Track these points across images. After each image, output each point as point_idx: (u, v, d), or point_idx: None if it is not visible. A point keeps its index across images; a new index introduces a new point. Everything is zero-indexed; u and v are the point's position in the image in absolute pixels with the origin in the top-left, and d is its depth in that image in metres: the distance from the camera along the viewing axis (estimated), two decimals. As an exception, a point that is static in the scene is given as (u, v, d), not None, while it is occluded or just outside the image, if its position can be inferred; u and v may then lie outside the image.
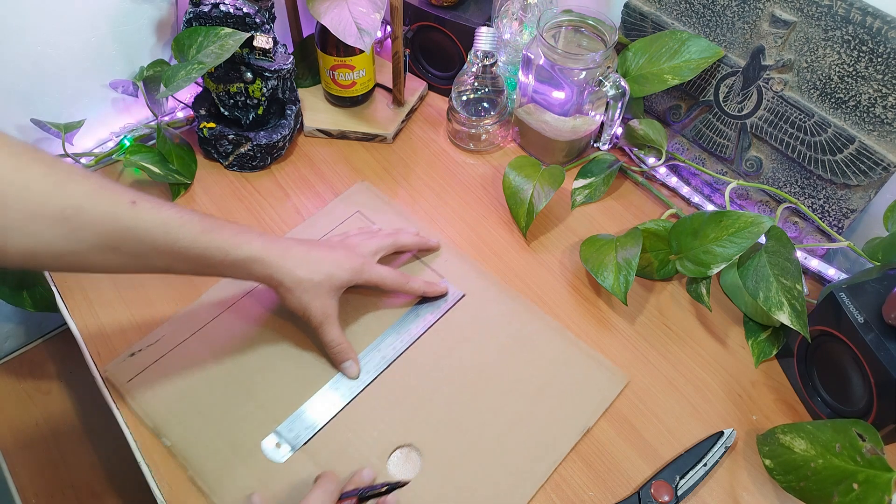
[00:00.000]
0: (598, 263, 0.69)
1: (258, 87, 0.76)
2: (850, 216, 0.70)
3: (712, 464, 0.59)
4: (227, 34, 0.69)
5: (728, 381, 0.66)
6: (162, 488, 0.57)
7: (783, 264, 0.62)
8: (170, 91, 0.68)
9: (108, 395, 0.62)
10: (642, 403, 0.64)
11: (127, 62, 0.79)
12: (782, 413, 0.64)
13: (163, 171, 0.76)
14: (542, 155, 0.84)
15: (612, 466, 0.60)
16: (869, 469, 0.50)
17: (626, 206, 0.81)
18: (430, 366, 0.65)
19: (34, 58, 0.71)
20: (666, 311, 0.71)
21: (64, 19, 0.71)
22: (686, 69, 0.74)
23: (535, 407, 0.62)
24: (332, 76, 0.83)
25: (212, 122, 0.80)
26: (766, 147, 0.74)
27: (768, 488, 0.59)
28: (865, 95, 0.64)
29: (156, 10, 0.78)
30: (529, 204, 0.75)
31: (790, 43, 0.67)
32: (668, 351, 0.68)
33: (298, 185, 0.81)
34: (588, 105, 0.78)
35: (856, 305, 0.57)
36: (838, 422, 0.54)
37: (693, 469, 0.59)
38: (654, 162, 0.82)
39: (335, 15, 0.71)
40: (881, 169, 0.65)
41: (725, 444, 0.60)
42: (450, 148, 0.86)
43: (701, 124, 0.79)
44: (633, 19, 0.79)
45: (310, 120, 0.86)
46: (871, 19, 0.61)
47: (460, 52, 0.85)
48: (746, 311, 0.70)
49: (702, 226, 0.66)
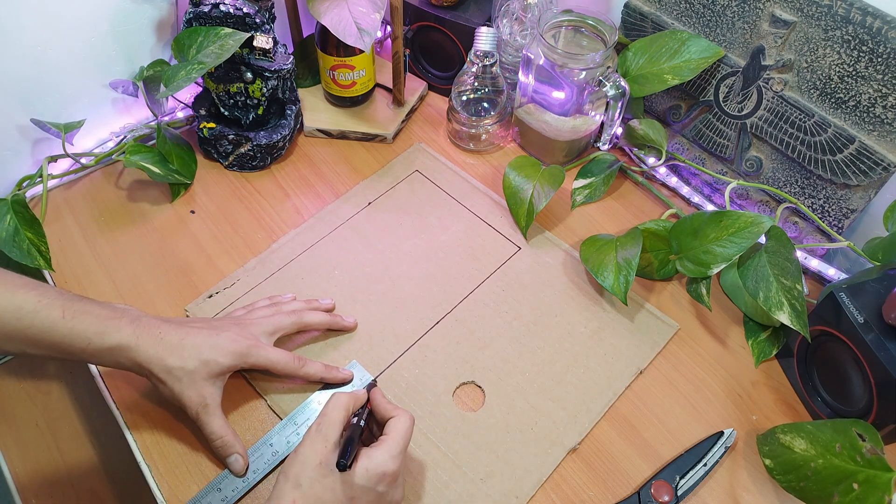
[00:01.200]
0: (598, 263, 0.69)
1: (258, 87, 0.76)
2: (850, 216, 0.70)
3: (712, 464, 0.59)
4: (227, 34, 0.70)
5: (728, 381, 0.66)
6: (162, 488, 0.57)
7: (783, 264, 0.62)
8: (170, 91, 0.68)
9: (108, 395, 0.62)
10: (642, 403, 0.64)
11: (127, 62, 0.79)
12: (782, 413, 0.64)
13: (163, 171, 0.76)
14: (542, 155, 0.84)
15: (611, 466, 0.60)
16: (869, 469, 0.50)
17: (626, 206, 0.81)
18: (490, 311, 0.69)
19: (34, 58, 0.71)
20: (666, 311, 0.71)
21: (64, 19, 0.71)
22: (686, 69, 0.74)
23: (591, 349, 0.67)
24: (332, 76, 0.83)
25: (212, 122, 0.80)
26: (766, 147, 0.74)
27: (768, 488, 0.59)
28: (865, 95, 0.64)
29: (156, 10, 0.78)
30: (529, 204, 0.75)
31: (790, 43, 0.67)
32: (667, 351, 0.68)
33: (298, 185, 0.81)
34: (588, 105, 0.78)
35: (856, 305, 0.57)
36: (838, 422, 0.54)
37: (693, 469, 0.59)
38: (654, 162, 0.82)
39: (335, 15, 0.71)
40: (881, 169, 0.65)
41: (725, 444, 0.60)
42: (450, 148, 0.86)
43: (701, 124, 0.79)
44: (633, 19, 0.79)
45: (310, 120, 0.86)
46: (871, 19, 0.60)
47: (460, 52, 0.85)
48: (746, 311, 0.70)
49: (702, 226, 0.66)
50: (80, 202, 0.77)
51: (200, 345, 0.56)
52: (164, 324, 0.56)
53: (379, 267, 0.72)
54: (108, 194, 0.78)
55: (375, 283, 0.71)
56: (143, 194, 0.78)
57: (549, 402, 0.63)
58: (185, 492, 0.57)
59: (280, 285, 0.70)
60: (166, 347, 0.55)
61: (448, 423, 0.61)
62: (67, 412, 0.92)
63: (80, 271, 0.71)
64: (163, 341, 0.55)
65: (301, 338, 0.66)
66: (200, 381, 0.56)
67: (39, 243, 0.69)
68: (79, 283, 0.70)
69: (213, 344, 0.56)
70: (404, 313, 0.68)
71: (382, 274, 0.71)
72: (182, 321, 0.59)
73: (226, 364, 0.56)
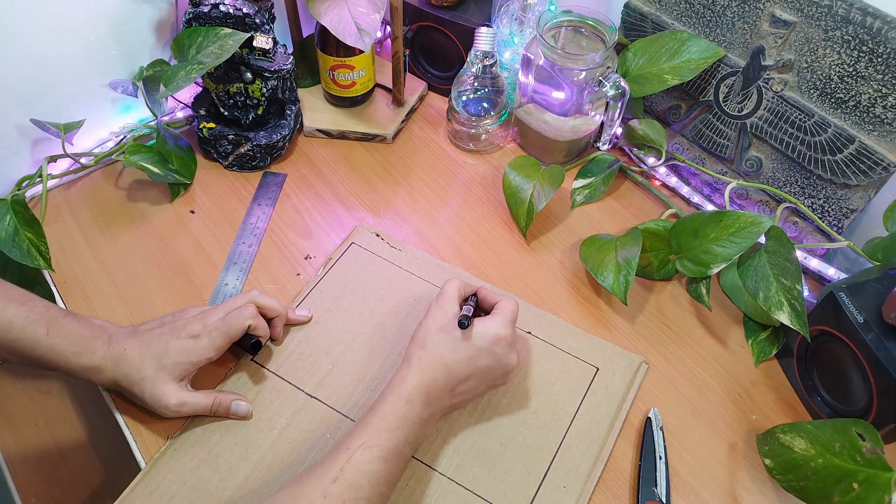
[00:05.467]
0: (598, 263, 0.69)
1: (258, 87, 0.76)
2: (850, 216, 0.70)
3: (664, 453, 0.59)
4: (226, 34, 0.69)
5: (728, 380, 0.66)
6: (162, 488, 0.57)
7: (783, 264, 0.62)
8: (169, 91, 0.68)
9: (108, 396, 0.62)
10: (642, 403, 0.64)
11: (127, 62, 0.79)
12: (782, 413, 0.64)
13: (162, 171, 0.76)
14: (542, 155, 0.84)
15: (611, 465, 0.60)
16: (869, 469, 0.50)
17: (626, 206, 0.81)
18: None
19: (34, 58, 0.71)
20: (666, 310, 0.71)
21: (64, 19, 0.71)
22: (686, 69, 0.74)
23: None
24: (331, 76, 0.83)
25: (211, 122, 0.80)
26: (766, 147, 0.74)
27: (768, 488, 0.59)
28: (865, 95, 0.64)
29: (156, 10, 0.78)
30: (529, 204, 0.75)
31: (790, 43, 0.67)
32: (667, 351, 0.68)
33: (298, 186, 0.81)
34: (588, 105, 0.78)
35: (856, 305, 0.57)
36: (838, 421, 0.54)
37: (657, 471, 0.59)
38: (654, 162, 0.82)
39: (335, 15, 0.71)
40: (881, 169, 0.65)
41: (659, 426, 0.61)
42: (450, 148, 0.86)
43: (701, 124, 0.79)
44: (633, 19, 0.79)
45: (310, 120, 0.86)
46: (871, 19, 0.61)
47: (460, 52, 0.85)
48: (746, 310, 0.70)
49: (702, 226, 0.66)
50: (79, 202, 0.77)
51: (159, 353, 0.57)
52: (129, 339, 0.58)
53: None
54: (107, 194, 0.78)
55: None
56: (142, 194, 0.78)
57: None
58: (185, 492, 0.57)
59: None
60: (130, 364, 0.57)
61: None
62: (67, 412, 0.92)
63: (79, 271, 0.71)
64: (127, 358, 0.57)
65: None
66: (163, 384, 0.57)
67: (39, 243, 0.69)
68: (79, 283, 0.70)
69: (171, 349, 0.58)
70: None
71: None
72: (148, 329, 0.60)
73: (183, 364, 0.58)
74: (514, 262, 0.74)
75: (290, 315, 0.66)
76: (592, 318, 0.70)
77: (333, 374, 0.64)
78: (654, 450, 0.60)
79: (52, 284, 0.71)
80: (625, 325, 0.70)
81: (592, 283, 0.73)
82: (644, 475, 0.58)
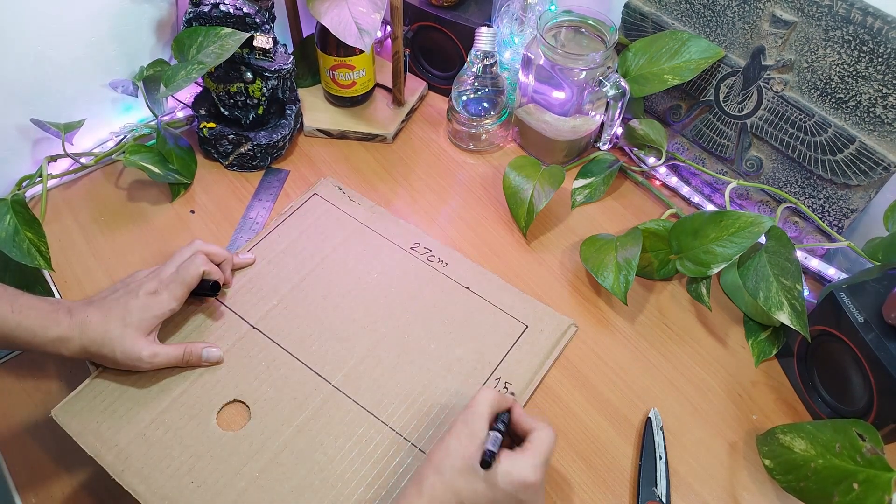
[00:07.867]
0: (598, 263, 0.69)
1: (258, 87, 0.76)
2: (850, 216, 0.70)
3: (664, 453, 0.59)
4: (227, 34, 0.69)
5: (728, 380, 0.66)
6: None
7: (783, 264, 0.62)
8: (170, 91, 0.68)
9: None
10: (642, 402, 0.64)
11: (127, 62, 0.79)
12: (782, 413, 0.64)
13: (162, 171, 0.76)
14: (542, 155, 0.84)
15: (611, 465, 0.60)
16: (869, 469, 0.50)
17: (626, 206, 0.81)
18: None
19: (34, 58, 0.71)
20: (666, 310, 0.71)
21: (64, 19, 0.71)
22: (686, 69, 0.74)
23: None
24: (332, 76, 0.83)
25: (212, 122, 0.80)
26: (766, 147, 0.74)
27: (768, 488, 0.59)
28: (866, 95, 0.64)
29: (156, 10, 0.78)
30: (529, 204, 0.75)
31: (790, 43, 0.67)
32: (668, 350, 0.68)
33: (299, 185, 0.81)
34: (588, 105, 0.78)
35: (856, 305, 0.57)
36: (838, 422, 0.54)
37: (657, 471, 0.59)
38: (654, 162, 0.82)
39: (335, 15, 0.71)
40: (881, 169, 0.65)
41: (659, 426, 0.61)
42: (450, 148, 0.86)
43: (701, 124, 0.79)
44: (633, 19, 0.79)
45: (310, 120, 0.86)
46: (871, 19, 0.61)
47: (460, 52, 0.85)
48: (746, 310, 0.70)
49: (702, 226, 0.66)
50: (79, 202, 0.77)
51: (122, 313, 0.59)
52: (89, 307, 0.59)
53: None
54: (107, 194, 0.78)
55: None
56: (142, 194, 0.78)
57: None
58: (185, 492, 0.57)
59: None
60: (95, 328, 0.58)
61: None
62: (67, 412, 0.92)
63: (80, 271, 0.71)
64: (91, 323, 0.58)
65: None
66: (132, 340, 0.59)
67: (39, 243, 0.69)
68: (79, 283, 0.70)
69: (132, 308, 0.59)
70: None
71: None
72: (103, 297, 0.61)
73: (148, 319, 0.60)
74: (514, 261, 0.74)
75: (235, 259, 0.69)
76: (592, 317, 0.70)
77: (277, 309, 0.67)
78: (655, 450, 0.60)
79: (52, 284, 0.71)
80: (625, 325, 0.70)
81: (592, 283, 0.73)
82: (644, 475, 0.58)
